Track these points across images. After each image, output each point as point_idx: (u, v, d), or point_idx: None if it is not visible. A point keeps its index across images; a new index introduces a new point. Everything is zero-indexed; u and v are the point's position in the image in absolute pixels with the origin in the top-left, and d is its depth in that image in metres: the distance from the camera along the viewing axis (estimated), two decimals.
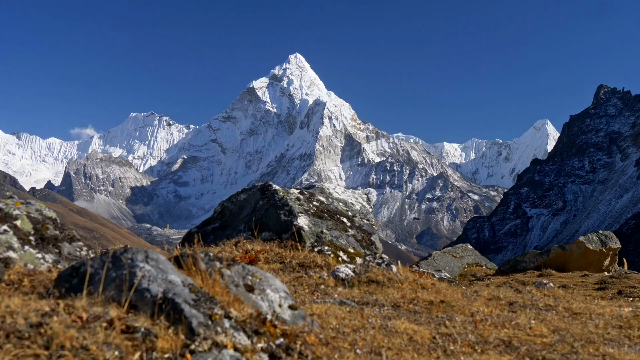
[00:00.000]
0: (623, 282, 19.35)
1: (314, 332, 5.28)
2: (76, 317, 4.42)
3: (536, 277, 22.29)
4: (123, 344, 4.21)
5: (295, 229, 12.54)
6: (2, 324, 4.20)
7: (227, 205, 15.77)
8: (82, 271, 5.06)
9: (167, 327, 4.50)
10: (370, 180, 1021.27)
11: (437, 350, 5.65)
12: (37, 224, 7.47)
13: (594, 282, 20.14)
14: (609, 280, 19.97)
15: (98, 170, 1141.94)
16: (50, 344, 4.05)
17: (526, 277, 22.51)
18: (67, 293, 4.99)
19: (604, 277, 21.16)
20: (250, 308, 5.16)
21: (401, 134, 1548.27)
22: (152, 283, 4.81)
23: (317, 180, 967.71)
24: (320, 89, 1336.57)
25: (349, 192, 16.68)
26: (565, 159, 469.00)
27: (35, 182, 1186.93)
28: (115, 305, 4.68)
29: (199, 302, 4.76)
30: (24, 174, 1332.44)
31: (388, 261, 9.43)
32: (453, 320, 6.78)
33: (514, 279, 21.97)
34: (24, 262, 6.73)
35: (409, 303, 7.56)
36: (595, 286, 18.89)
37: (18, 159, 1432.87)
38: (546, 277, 22.36)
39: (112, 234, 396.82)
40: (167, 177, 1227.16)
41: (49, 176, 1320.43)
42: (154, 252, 5.17)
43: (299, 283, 8.58)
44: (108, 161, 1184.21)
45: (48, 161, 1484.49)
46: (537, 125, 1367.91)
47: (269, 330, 4.82)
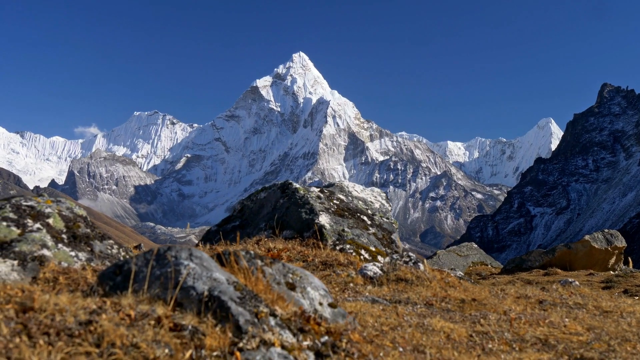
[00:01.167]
0: (629, 281, 19.36)
1: (357, 330, 5.29)
2: (124, 315, 4.42)
3: (542, 276, 22.25)
4: (172, 341, 4.21)
5: (317, 227, 12.52)
6: (51, 322, 4.20)
7: (247, 204, 15.75)
8: (126, 269, 5.06)
9: (214, 325, 4.50)
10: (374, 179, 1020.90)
11: (475, 348, 5.64)
12: (69, 222, 7.46)
13: (600, 280, 20.13)
14: (615, 279, 19.97)
15: (102, 169, 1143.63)
16: (101, 342, 4.05)
17: (532, 276, 22.46)
18: (111, 291, 4.98)
19: (610, 276, 21.14)
20: (293, 306, 5.16)
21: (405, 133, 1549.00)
22: (197, 281, 4.80)
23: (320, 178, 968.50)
24: (324, 87, 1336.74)
25: (367, 190, 16.67)
26: (569, 157, 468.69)
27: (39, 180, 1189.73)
28: (161, 303, 4.67)
29: (245, 300, 4.76)
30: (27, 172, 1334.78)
31: (415, 259, 9.41)
32: (487, 319, 6.77)
33: (519, 277, 21.93)
34: (58, 260, 6.72)
35: (441, 301, 7.56)
36: (601, 285, 18.88)
37: (22, 158, 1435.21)
38: (552, 275, 22.33)
39: (116, 232, 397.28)
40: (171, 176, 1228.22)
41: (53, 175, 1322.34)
42: (198, 250, 5.17)
43: (327, 281, 8.57)
44: (112, 160, 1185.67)
45: (52, 160, 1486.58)
46: (541, 124, 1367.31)
47: (314, 328, 4.82)
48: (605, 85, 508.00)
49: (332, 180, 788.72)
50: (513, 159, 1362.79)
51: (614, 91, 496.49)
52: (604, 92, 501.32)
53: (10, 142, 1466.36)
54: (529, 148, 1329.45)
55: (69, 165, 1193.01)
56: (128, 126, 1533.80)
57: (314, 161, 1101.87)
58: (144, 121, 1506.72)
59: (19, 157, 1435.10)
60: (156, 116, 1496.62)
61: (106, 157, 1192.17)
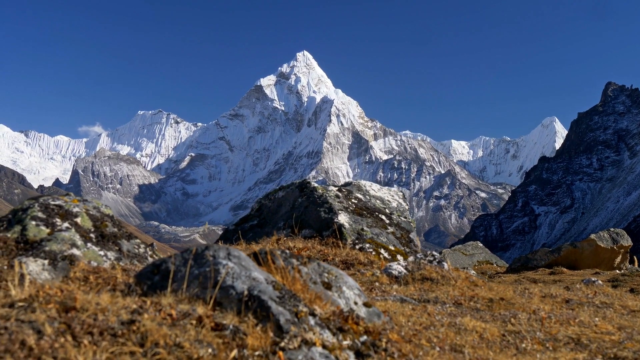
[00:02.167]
0: (635, 280, 19.32)
1: (395, 330, 5.29)
2: (165, 315, 4.43)
3: (547, 275, 22.21)
4: (214, 341, 4.22)
5: (336, 226, 12.52)
6: (94, 321, 4.21)
7: (265, 203, 15.76)
8: (164, 268, 5.06)
9: (255, 325, 4.50)
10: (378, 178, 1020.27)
11: (509, 347, 5.64)
12: (96, 221, 7.47)
13: (606, 279, 20.06)
14: (621, 278, 19.92)
15: (106, 168, 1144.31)
16: (145, 342, 4.05)
17: (537, 275, 22.42)
18: (149, 290, 4.99)
19: (616, 275, 21.09)
20: (331, 305, 5.16)
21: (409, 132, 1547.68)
22: (237, 280, 4.81)
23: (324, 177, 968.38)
24: (328, 86, 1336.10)
25: (384, 189, 16.65)
26: (574, 156, 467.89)
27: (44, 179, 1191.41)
28: (201, 303, 4.68)
29: (284, 300, 4.76)
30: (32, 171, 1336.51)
31: (440, 258, 9.41)
32: (517, 318, 6.77)
33: (525, 276, 21.88)
34: (87, 259, 6.74)
35: (469, 300, 7.56)
36: (607, 284, 18.85)
37: (26, 157, 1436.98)
38: (558, 274, 22.29)
39: None
40: (175, 175, 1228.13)
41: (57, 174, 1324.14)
42: (235, 250, 5.17)
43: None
44: (116, 159, 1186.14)
45: (56, 159, 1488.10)
46: (545, 122, 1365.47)
47: (352, 328, 4.82)
48: (610, 84, 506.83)
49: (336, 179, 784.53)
50: (517, 157, 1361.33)
51: (619, 90, 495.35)
52: (608, 91, 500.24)
53: (15, 141, 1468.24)
54: (533, 147, 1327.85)
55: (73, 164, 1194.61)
56: (132, 125, 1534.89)
57: (318, 160, 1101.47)
58: (148, 120, 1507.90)
59: (23, 156, 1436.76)
60: (160, 115, 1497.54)
61: (110, 156, 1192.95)
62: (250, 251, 6.17)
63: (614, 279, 19.86)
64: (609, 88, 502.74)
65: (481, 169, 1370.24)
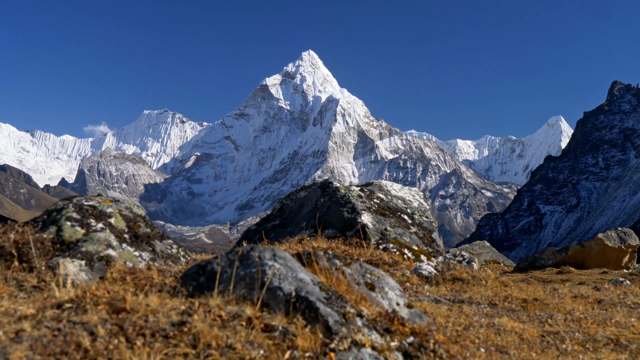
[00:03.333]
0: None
1: (441, 330, 5.28)
2: (215, 316, 4.43)
3: (555, 274, 22.16)
4: (264, 342, 4.22)
5: (360, 227, 12.51)
6: (145, 322, 4.22)
7: (287, 203, 15.75)
8: (209, 269, 5.07)
9: (304, 326, 4.50)
10: (384, 177, 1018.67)
11: (550, 348, 5.64)
12: (129, 221, 7.48)
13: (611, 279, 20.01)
14: (629, 277, 19.85)
15: (112, 168, 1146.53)
16: (197, 343, 4.06)
17: (545, 275, 22.36)
18: (195, 291, 5.00)
19: (623, 274, 21.00)
20: (376, 306, 5.15)
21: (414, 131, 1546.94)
22: (283, 281, 4.81)
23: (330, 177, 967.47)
24: (333, 86, 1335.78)
25: (405, 189, 16.64)
26: (579, 155, 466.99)
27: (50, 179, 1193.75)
28: (249, 304, 4.69)
29: (331, 301, 4.76)
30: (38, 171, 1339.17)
31: (469, 259, 9.41)
32: (554, 319, 6.76)
33: (532, 276, 21.83)
34: (123, 260, 6.75)
35: (504, 301, 7.55)
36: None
37: (32, 156, 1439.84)
38: (565, 274, 22.24)
39: None
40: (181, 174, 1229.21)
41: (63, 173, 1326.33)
42: (280, 250, 5.17)
43: None
44: (121, 158, 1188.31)
45: (62, 158, 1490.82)
46: (551, 122, 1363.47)
47: (399, 329, 4.81)
48: (616, 83, 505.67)
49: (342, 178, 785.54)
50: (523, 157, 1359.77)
51: (624, 89, 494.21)
52: (614, 90, 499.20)
53: (21, 140, 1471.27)
54: (538, 146, 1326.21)
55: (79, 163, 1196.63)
56: (138, 125, 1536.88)
57: (323, 159, 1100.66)
58: (153, 120, 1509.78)
59: (29, 155, 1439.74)
60: (166, 115, 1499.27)
61: (116, 156, 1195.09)
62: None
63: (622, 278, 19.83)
64: (614, 87, 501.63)
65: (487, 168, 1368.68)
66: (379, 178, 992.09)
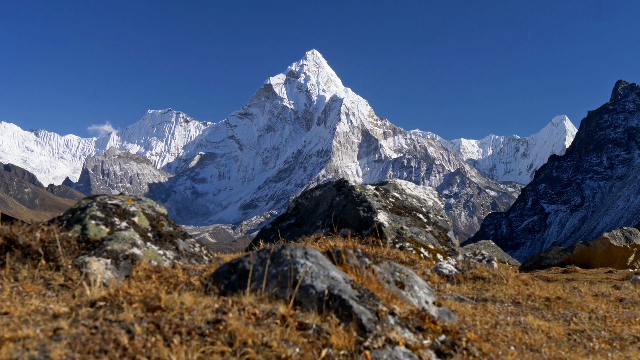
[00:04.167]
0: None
1: (472, 329, 5.29)
2: (249, 314, 4.44)
3: (560, 274, 22.15)
4: (299, 340, 4.23)
5: (376, 225, 12.52)
6: (181, 320, 4.23)
7: (302, 202, 15.76)
8: (241, 268, 5.09)
9: (338, 324, 4.51)
10: (388, 177, 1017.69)
11: (578, 347, 5.65)
12: (152, 220, 7.50)
13: (619, 278, 19.95)
14: (634, 276, 19.85)
15: (116, 167, 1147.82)
16: (233, 341, 4.07)
17: (550, 274, 22.35)
18: (227, 290, 5.01)
19: (629, 274, 20.98)
20: (407, 305, 5.16)
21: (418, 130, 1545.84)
22: (316, 279, 4.82)
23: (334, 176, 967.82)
24: (337, 85, 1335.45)
25: (420, 188, 16.66)
26: (584, 155, 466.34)
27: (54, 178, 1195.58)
28: (281, 302, 4.70)
29: (364, 299, 4.77)
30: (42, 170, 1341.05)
31: (489, 257, 9.42)
32: (578, 317, 6.77)
33: (538, 275, 21.81)
34: (148, 258, 6.77)
35: (527, 299, 7.56)
36: (612, 282, 18.78)
37: (36, 156, 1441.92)
38: (571, 273, 22.23)
39: None
40: (185, 174, 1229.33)
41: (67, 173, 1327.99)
42: (312, 249, 5.18)
43: None
44: (126, 158, 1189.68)
45: (66, 158, 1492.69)
46: (555, 121, 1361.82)
47: (430, 327, 4.82)
48: (620, 82, 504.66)
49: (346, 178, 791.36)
50: (527, 156, 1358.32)
51: (629, 88, 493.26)
52: (618, 89, 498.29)
53: (25, 140, 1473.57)
54: (543, 145, 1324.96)
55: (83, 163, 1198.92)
56: (142, 124, 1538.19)
57: (327, 159, 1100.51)
58: (157, 119, 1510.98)
59: (34, 155, 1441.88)
60: (170, 114, 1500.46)
61: (120, 155, 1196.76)
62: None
63: (627, 277, 19.77)
64: (619, 86, 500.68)
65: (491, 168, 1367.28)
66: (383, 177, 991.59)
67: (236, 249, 44.51)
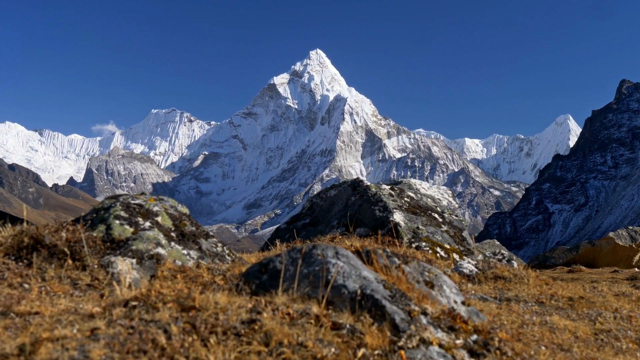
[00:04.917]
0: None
1: (504, 329, 5.29)
2: (283, 314, 4.45)
3: (566, 273, 22.14)
4: (334, 340, 4.23)
5: (392, 225, 12.53)
6: (216, 320, 4.24)
7: (317, 202, 15.77)
8: (272, 268, 5.09)
9: (371, 324, 4.51)
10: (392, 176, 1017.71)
11: (606, 346, 5.65)
12: (175, 220, 7.52)
13: (624, 277, 19.95)
14: (639, 276, 19.84)
15: (120, 167, 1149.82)
16: (269, 341, 4.08)
17: (556, 273, 22.33)
18: (258, 289, 5.02)
19: (634, 273, 20.98)
20: (438, 304, 5.17)
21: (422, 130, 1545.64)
22: (348, 279, 4.83)
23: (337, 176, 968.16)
24: (341, 84, 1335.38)
25: (434, 188, 16.68)
26: (588, 154, 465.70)
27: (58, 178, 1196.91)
28: (314, 302, 4.70)
29: (396, 299, 4.78)
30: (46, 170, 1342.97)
31: (509, 257, 9.42)
32: (603, 317, 6.77)
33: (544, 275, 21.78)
34: (172, 258, 6.78)
35: (550, 299, 7.56)
36: (626, 282, 18.75)
37: (41, 156, 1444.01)
38: (576, 272, 22.23)
39: None
40: (189, 173, 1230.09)
41: (71, 172, 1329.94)
42: (343, 249, 5.19)
43: None
44: (130, 157, 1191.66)
45: (70, 157, 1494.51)
46: (559, 120, 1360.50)
47: (462, 327, 4.83)
48: (624, 81, 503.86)
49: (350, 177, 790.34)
50: (531, 155, 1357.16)
51: (633, 87, 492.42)
52: (622, 89, 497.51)
53: (29, 140, 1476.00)
54: (547, 145, 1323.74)
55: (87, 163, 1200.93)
56: (146, 124, 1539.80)
57: (331, 158, 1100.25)
58: (161, 119, 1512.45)
59: (38, 154, 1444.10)
60: (174, 114, 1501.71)
61: (124, 155, 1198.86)
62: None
63: (633, 276, 19.79)
64: (623, 85, 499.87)
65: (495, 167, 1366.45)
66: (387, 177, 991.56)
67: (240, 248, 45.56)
